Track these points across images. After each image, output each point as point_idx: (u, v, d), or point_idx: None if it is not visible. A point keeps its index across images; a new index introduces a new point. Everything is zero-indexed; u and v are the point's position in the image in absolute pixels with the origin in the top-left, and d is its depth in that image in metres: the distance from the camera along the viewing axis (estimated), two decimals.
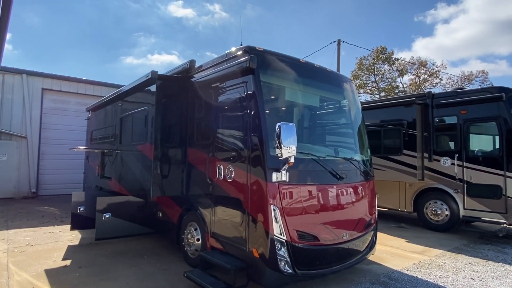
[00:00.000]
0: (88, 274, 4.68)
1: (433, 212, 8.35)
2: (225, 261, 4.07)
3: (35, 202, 11.31)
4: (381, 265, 5.50)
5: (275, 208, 3.75)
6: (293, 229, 3.85)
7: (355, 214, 4.58)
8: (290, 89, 4.59)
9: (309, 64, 4.74)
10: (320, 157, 4.26)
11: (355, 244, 4.54)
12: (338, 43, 20.18)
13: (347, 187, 4.48)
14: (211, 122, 4.78)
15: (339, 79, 5.28)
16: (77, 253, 5.72)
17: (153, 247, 6.07)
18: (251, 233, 3.91)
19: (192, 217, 5.12)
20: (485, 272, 5.26)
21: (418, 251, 6.42)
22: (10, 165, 12.28)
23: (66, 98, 13.81)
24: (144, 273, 4.77)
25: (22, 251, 5.71)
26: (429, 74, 33.76)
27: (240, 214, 4.08)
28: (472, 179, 7.70)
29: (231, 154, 4.33)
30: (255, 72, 4.02)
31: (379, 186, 9.44)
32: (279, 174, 3.75)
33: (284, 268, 3.75)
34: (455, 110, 8.11)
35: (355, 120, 5.36)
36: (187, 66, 5.31)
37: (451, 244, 6.98)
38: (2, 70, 12.27)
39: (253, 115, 3.97)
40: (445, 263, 5.69)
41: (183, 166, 5.30)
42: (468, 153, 7.83)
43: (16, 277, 4.50)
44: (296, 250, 3.83)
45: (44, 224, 7.92)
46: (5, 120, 12.29)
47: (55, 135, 13.37)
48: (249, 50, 4.14)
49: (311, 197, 4.06)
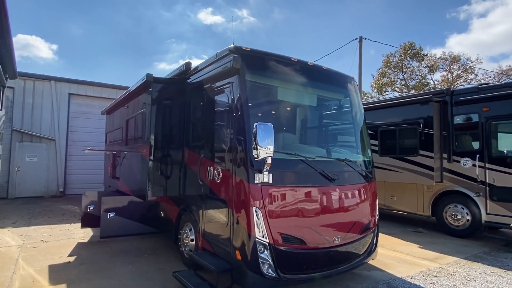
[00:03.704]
0: (87, 271, 4.86)
1: (453, 217, 7.83)
2: (211, 263, 4.06)
3: (60, 201, 11.98)
4: (384, 271, 5.23)
5: (258, 210, 3.68)
6: (277, 231, 3.75)
7: (349, 217, 4.38)
8: (280, 88, 4.48)
9: (301, 63, 4.61)
10: (308, 158, 4.12)
11: (350, 248, 4.34)
12: (360, 40, 19.58)
13: (340, 189, 4.29)
14: (202, 123, 4.80)
15: (336, 78, 5.09)
16: (83, 250, 5.97)
17: (155, 247, 6.19)
18: (235, 235, 3.87)
19: (188, 218, 5.16)
20: (500, 283, 4.83)
21: (430, 258, 6.03)
22: (40, 165, 13.11)
23: (91, 102, 14.50)
24: (140, 272, 4.88)
25: (34, 247, 6.06)
26: (463, 69, 31.80)
27: (226, 215, 4.05)
28: (496, 181, 7.13)
29: (219, 155, 4.32)
30: (240, 72, 3.98)
31: (395, 188, 9.10)
32: (261, 175, 3.67)
33: (267, 272, 3.66)
34: (477, 107, 7.55)
35: (353, 120, 5.14)
36: (183, 69, 5.36)
37: (469, 252, 6.50)
38: (33, 77, 13.19)
39: (238, 115, 3.93)
40: (456, 271, 5.30)
41: (179, 167, 5.36)
42: (491, 153, 7.25)
43: (21, 271, 4.78)
44: (280, 253, 3.73)
45: (62, 222, 8.36)
46: (36, 124, 13.14)
47: (81, 137, 14.09)
48: (235, 50, 4.10)
49: (297, 199, 3.94)
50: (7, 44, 5.29)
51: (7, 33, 4.90)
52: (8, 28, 4.77)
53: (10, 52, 5.62)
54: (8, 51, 5.47)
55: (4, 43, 5.17)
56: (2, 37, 4.99)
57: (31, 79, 13.14)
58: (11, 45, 5.39)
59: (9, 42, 5.23)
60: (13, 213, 9.33)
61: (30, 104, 13.07)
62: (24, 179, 12.75)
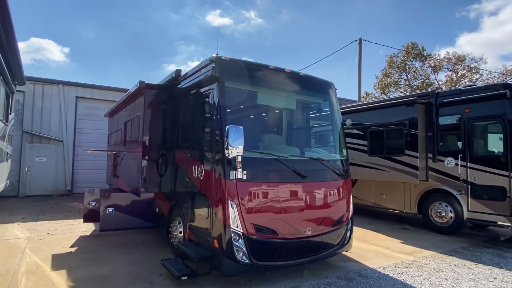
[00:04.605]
0: (86, 260, 5.37)
1: (437, 214, 8.14)
2: (193, 251, 4.51)
3: (67, 199, 12.62)
4: (360, 263, 5.60)
5: (233, 203, 4.12)
6: (250, 222, 4.18)
7: (321, 211, 4.77)
8: (259, 93, 4.90)
9: (278, 70, 5.03)
10: (281, 157, 4.54)
11: (321, 239, 4.74)
12: (359, 42, 19.85)
13: (311, 185, 4.70)
14: (190, 126, 5.26)
15: (314, 83, 5.49)
16: (84, 242, 6.50)
17: (150, 240, 6.68)
18: (214, 226, 4.31)
19: (177, 212, 5.63)
20: (466, 274, 5.17)
21: (407, 252, 6.37)
22: (49, 166, 13.79)
23: (97, 105, 15.11)
24: (133, 260, 5.37)
25: (40, 239, 6.61)
26: (468, 69, 31.68)
27: (207, 208, 4.50)
28: (476, 180, 7.43)
29: (202, 154, 4.76)
30: (219, 79, 4.42)
31: (385, 187, 9.45)
32: (236, 172, 4.11)
33: (241, 259, 4.10)
34: (459, 108, 7.86)
35: (329, 122, 5.54)
36: (174, 75, 5.83)
37: (448, 247, 6.82)
38: (42, 81, 13.88)
39: (217, 118, 4.37)
40: (428, 263, 5.64)
41: (170, 166, 5.83)
42: (472, 153, 7.56)
43: (27, 259, 5.32)
44: (253, 242, 4.16)
45: (68, 217, 8.94)
46: (45, 126, 13.83)
47: (88, 139, 14.71)
48: (215, 60, 4.55)
49: (270, 194, 4.36)
50: (15, 53, 5.83)
51: (14, 43, 5.43)
52: (14, 38, 5.29)
53: (17, 61, 6.17)
54: (16, 59, 6.01)
55: (12, 53, 5.71)
56: (10, 47, 5.52)
57: (40, 83, 13.83)
58: (18, 54, 5.93)
59: (16, 51, 5.77)
60: (23, 210, 9.96)
61: (40, 107, 13.76)
62: (33, 178, 13.43)
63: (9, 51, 5.35)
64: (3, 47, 4.96)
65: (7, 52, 5.29)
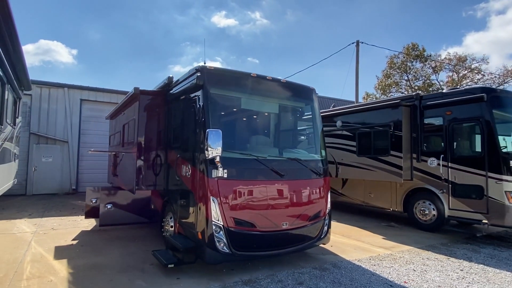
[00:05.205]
0: (85, 251, 5.88)
1: (421, 212, 8.51)
2: (179, 242, 4.99)
3: (72, 197, 13.21)
4: (337, 255, 6.02)
5: (214, 198, 4.58)
6: (230, 216, 4.64)
7: (297, 207, 5.20)
8: (242, 98, 5.37)
9: (260, 77, 5.47)
10: (260, 157, 4.99)
11: (297, 232, 5.17)
12: (357, 45, 20.19)
13: (289, 183, 5.14)
14: (179, 128, 5.73)
15: (294, 89, 5.93)
16: (85, 236, 7.02)
17: (146, 235, 7.18)
18: (198, 219, 4.78)
19: (169, 208, 6.11)
20: (435, 266, 5.56)
21: (386, 247, 6.77)
22: (55, 165, 14.41)
23: (101, 107, 15.69)
24: (128, 252, 5.87)
25: (45, 233, 7.15)
26: (469, 70, 31.76)
27: (193, 204, 4.97)
28: (457, 179, 7.79)
29: (189, 155, 5.23)
30: (203, 87, 4.89)
31: (373, 186, 9.84)
32: (217, 171, 4.57)
33: (222, 249, 4.56)
34: (441, 111, 8.23)
35: (309, 124, 5.97)
36: (166, 82, 6.32)
37: (427, 242, 7.19)
38: (48, 85, 14.53)
39: (202, 122, 4.84)
40: (402, 257, 6.04)
41: (163, 166, 6.32)
42: (453, 153, 7.92)
43: (32, 250, 5.85)
44: (233, 234, 4.62)
45: (71, 214, 9.50)
46: (51, 127, 14.46)
47: (92, 140, 15.28)
48: (200, 69, 5.02)
49: (249, 191, 4.81)
50: (21, 61, 6.35)
51: (20, 54, 5.94)
52: (20, 49, 5.79)
53: (23, 68, 6.69)
54: (22, 68, 6.55)
55: (19, 62, 6.24)
56: (16, 57, 6.04)
57: (46, 86, 14.48)
58: (24, 62, 6.45)
59: (22, 60, 6.28)
60: (30, 207, 10.55)
61: (46, 109, 14.40)
62: (40, 178, 14.07)
63: (16, 61, 5.88)
64: (10, 58, 5.48)
65: (14, 62, 5.82)
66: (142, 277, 4.69)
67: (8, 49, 5.08)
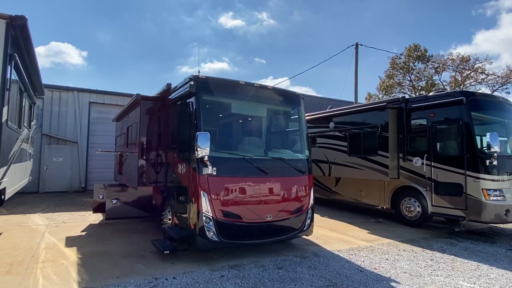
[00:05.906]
0: (93, 241, 6.57)
1: (407, 209, 9.00)
2: (175, 232, 5.62)
3: (81, 195, 14.01)
4: (320, 246, 6.58)
5: (205, 193, 5.20)
6: (219, 209, 5.25)
7: (280, 201, 5.79)
8: (232, 104, 5.98)
9: (248, 84, 6.08)
10: (247, 156, 5.59)
11: (280, 224, 5.75)
12: (356, 47, 20.63)
13: (272, 179, 5.72)
14: (177, 131, 6.36)
15: (280, 94, 6.52)
16: (93, 228, 7.72)
17: (148, 227, 7.84)
18: (191, 211, 5.40)
19: (168, 203, 6.75)
20: (408, 256, 6.08)
21: (369, 240, 7.29)
22: (65, 165, 15.24)
23: (108, 109, 16.47)
24: (131, 241, 6.53)
25: (57, 226, 7.88)
26: (472, 70, 31.86)
27: (187, 198, 5.59)
28: (439, 177, 8.27)
29: (184, 155, 5.85)
30: (196, 94, 5.51)
31: (363, 184, 10.36)
32: (207, 169, 5.19)
33: (211, 237, 5.17)
34: (425, 113, 8.72)
35: (292, 126, 6.55)
36: (165, 88, 6.96)
37: (409, 236, 7.69)
38: (59, 88, 15.37)
39: (194, 125, 5.46)
40: (380, 248, 6.57)
41: (162, 164, 6.96)
42: (436, 153, 8.41)
43: (46, 239, 6.55)
44: (221, 224, 5.23)
45: (81, 210, 10.24)
46: (61, 128, 15.30)
47: (100, 140, 16.08)
48: (194, 78, 5.64)
49: (235, 186, 5.41)
50: (36, 71, 7.07)
51: (34, 64, 6.62)
52: (35, 60, 6.47)
53: (38, 76, 7.42)
54: (37, 75, 7.27)
55: (34, 71, 6.96)
56: (32, 66, 6.75)
57: (57, 90, 15.32)
58: (38, 71, 7.17)
59: (37, 69, 7.00)
60: (42, 203, 11.35)
61: (57, 111, 15.24)
62: (51, 176, 14.90)
63: (32, 71, 6.59)
64: (28, 69, 6.19)
65: (31, 73, 6.53)
66: (142, 261, 5.34)
67: (26, 62, 5.78)
